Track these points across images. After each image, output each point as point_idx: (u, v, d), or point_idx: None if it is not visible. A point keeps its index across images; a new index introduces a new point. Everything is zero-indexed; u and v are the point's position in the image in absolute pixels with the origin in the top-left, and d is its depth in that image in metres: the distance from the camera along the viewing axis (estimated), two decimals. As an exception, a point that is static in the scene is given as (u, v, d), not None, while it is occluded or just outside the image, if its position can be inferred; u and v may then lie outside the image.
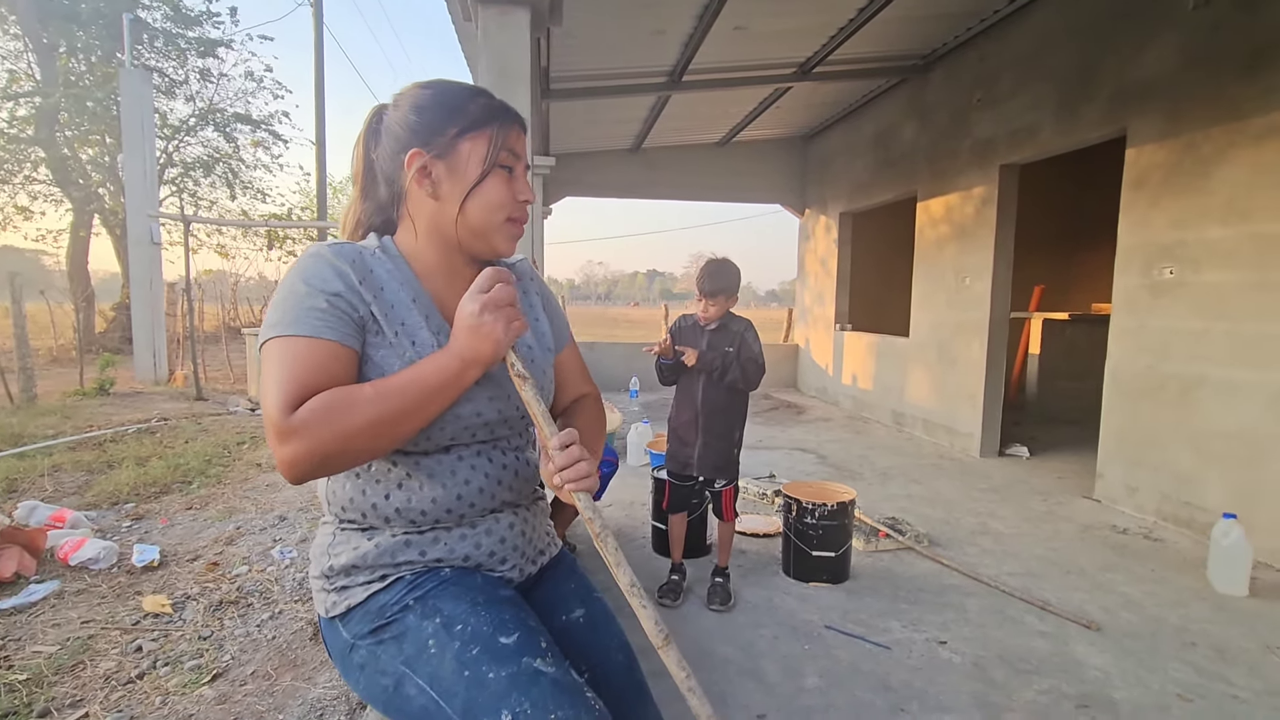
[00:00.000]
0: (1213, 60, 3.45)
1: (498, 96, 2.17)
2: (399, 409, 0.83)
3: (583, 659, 1.02)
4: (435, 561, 0.99)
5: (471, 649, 0.88)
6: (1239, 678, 2.20)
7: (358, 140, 1.02)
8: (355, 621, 0.97)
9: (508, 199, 0.97)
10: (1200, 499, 3.49)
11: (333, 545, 1.02)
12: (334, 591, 1.00)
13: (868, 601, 2.71)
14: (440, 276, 1.01)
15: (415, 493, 0.98)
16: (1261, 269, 3.22)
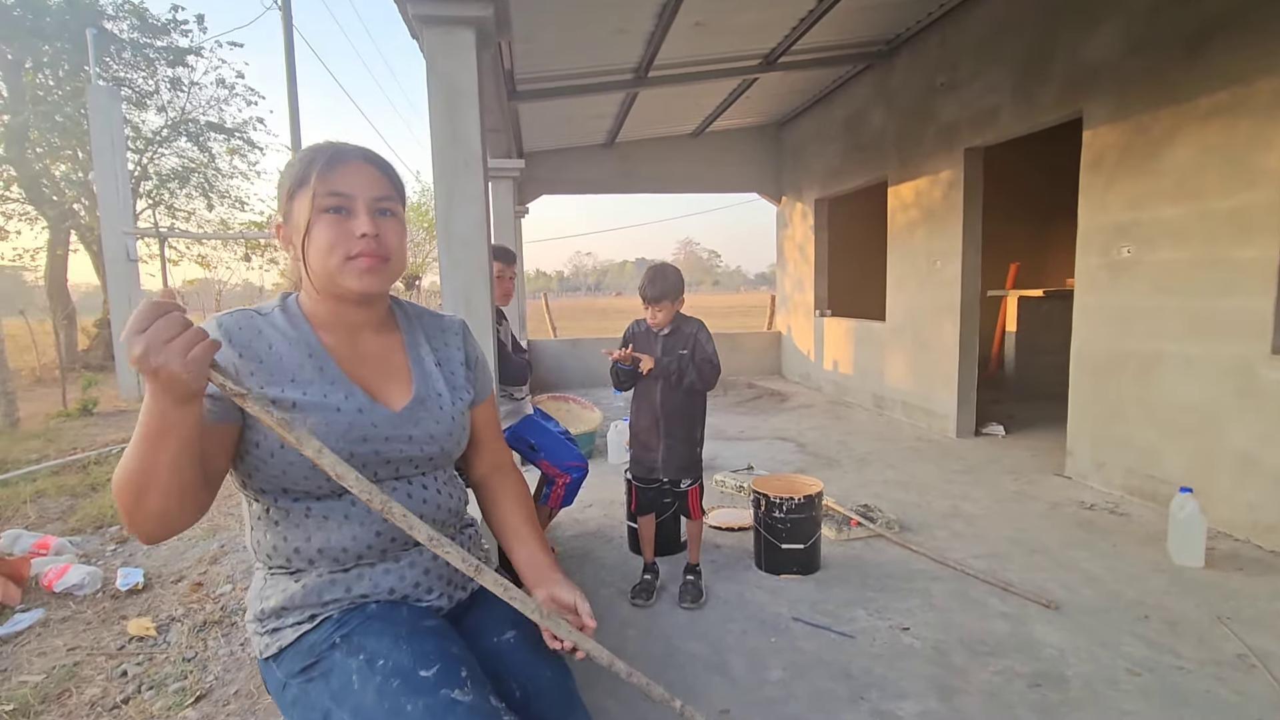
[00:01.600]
0: (1156, 43, 3.50)
1: (447, 116, 2.18)
2: (138, 461, 0.84)
3: (514, 678, 1.08)
4: (361, 597, 1.04)
5: (392, 682, 0.93)
6: (1187, 649, 2.29)
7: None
8: (287, 661, 1.02)
9: (338, 239, 1.00)
10: (1162, 472, 3.59)
11: (264, 589, 1.07)
12: (267, 634, 1.05)
13: (836, 591, 2.79)
14: (335, 324, 1.08)
15: (334, 532, 1.03)
16: (1211, 245, 3.30)
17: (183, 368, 0.77)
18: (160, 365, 0.77)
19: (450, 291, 2.29)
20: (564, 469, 2.83)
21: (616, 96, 6.45)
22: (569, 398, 5.46)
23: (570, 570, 3.08)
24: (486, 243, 2.30)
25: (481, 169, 2.25)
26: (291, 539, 1.03)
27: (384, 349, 1.13)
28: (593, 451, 5.09)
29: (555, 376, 8.87)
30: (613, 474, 4.39)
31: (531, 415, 2.99)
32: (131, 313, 0.81)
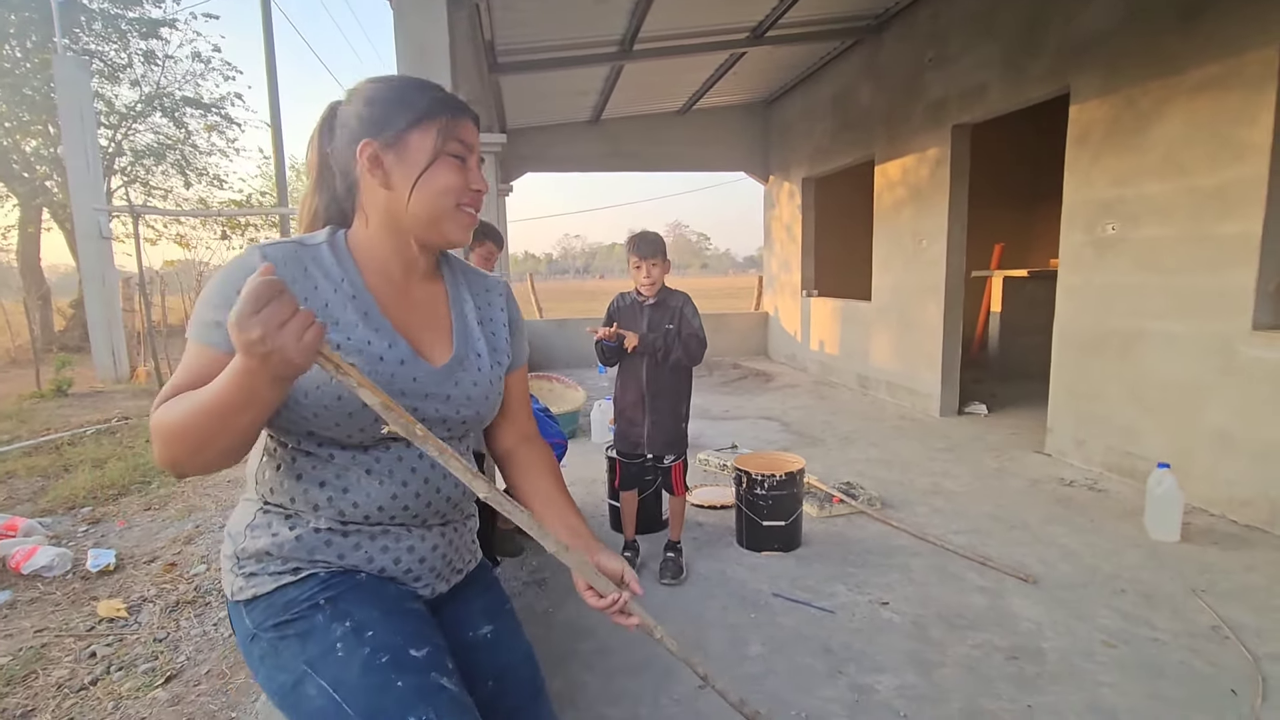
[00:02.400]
0: (1150, 13, 3.46)
1: (417, 76, 2.12)
2: (209, 422, 0.80)
3: (488, 673, 1.05)
4: (351, 567, 0.98)
5: (381, 656, 0.89)
6: (1162, 621, 2.31)
7: (312, 135, 1.02)
8: (259, 611, 0.95)
9: (458, 185, 0.98)
10: (1141, 449, 3.61)
11: (251, 526, 0.98)
12: (243, 576, 0.98)
13: (817, 567, 2.79)
14: (389, 267, 1.02)
15: (352, 485, 0.97)
16: (1196, 222, 3.29)
17: (297, 352, 0.74)
18: (274, 349, 0.73)
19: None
20: (543, 446, 2.79)
21: (601, 70, 6.32)
22: (552, 377, 5.41)
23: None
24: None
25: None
26: (305, 479, 0.96)
27: (430, 299, 1.07)
28: (576, 430, 5.06)
29: (540, 356, 8.80)
30: (595, 453, 4.36)
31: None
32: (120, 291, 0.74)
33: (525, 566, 2.87)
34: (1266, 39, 2.92)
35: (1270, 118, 2.92)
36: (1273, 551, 2.81)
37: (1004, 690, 1.95)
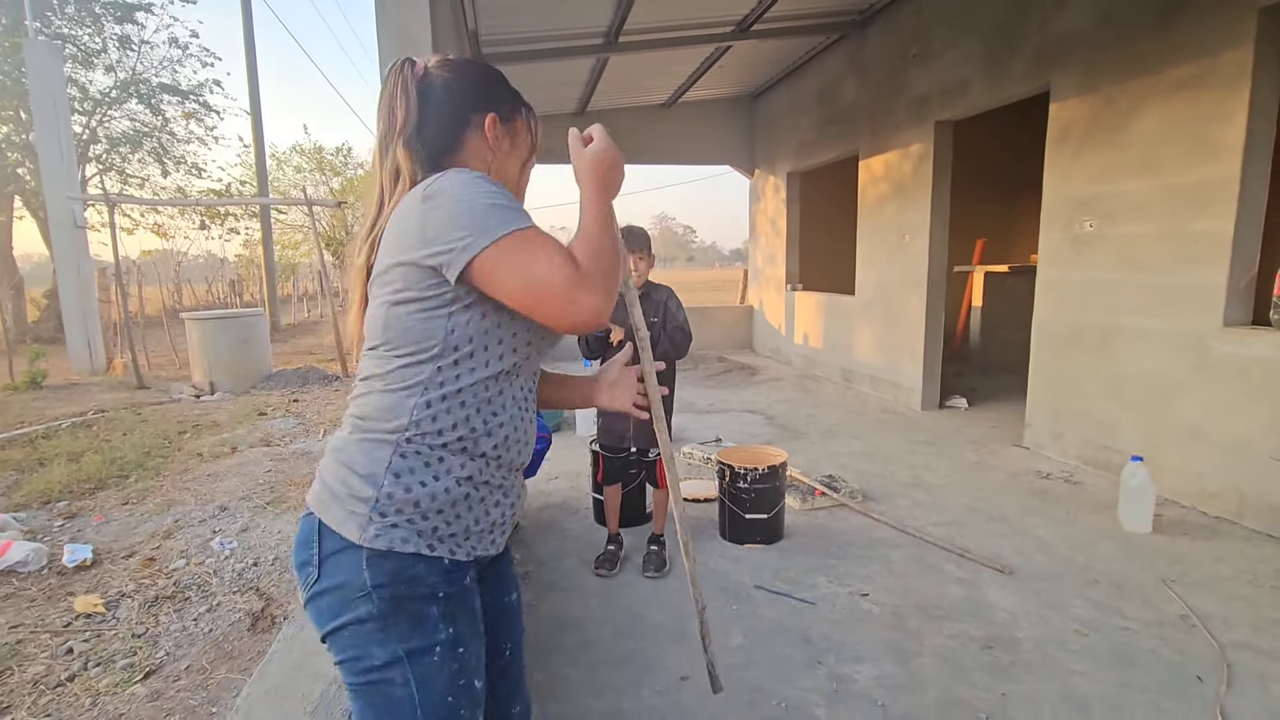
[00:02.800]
0: (1127, 14, 3.50)
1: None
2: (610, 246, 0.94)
3: (509, 637, 1.11)
4: (465, 540, 0.95)
5: (461, 679, 0.91)
6: (1133, 610, 2.37)
7: (398, 94, 0.99)
8: (387, 569, 0.88)
9: (521, 182, 1.11)
10: (1116, 442, 3.68)
11: (393, 470, 0.90)
12: (383, 523, 0.89)
13: (798, 559, 2.82)
14: None
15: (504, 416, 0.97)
16: (1171, 220, 3.34)
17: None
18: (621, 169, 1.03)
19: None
20: (527, 440, 2.79)
21: (586, 62, 6.29)
22: (538, 370, 5.40)
23: (534, 541, 3.07)
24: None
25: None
26: (465, 409, 0.93)
27: None
28: (561, 424, 5.05)
29: (526, 350, 8.77)
30: (580, 446, 4.36)
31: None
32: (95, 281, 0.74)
33: (509, 560, 2.87)
34: (1240, 40, 2.97)
35: (1244, 118, 2.98)
36: (1240, 543, 2.89)
37: (979, 679, 1.99)
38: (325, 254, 23.19)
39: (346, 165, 23.29)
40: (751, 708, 1.90)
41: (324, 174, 22.81)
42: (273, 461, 4.51)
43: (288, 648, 0.97)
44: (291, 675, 0.91)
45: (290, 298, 19.51)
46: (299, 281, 22.96)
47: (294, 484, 4.04)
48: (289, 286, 21.28)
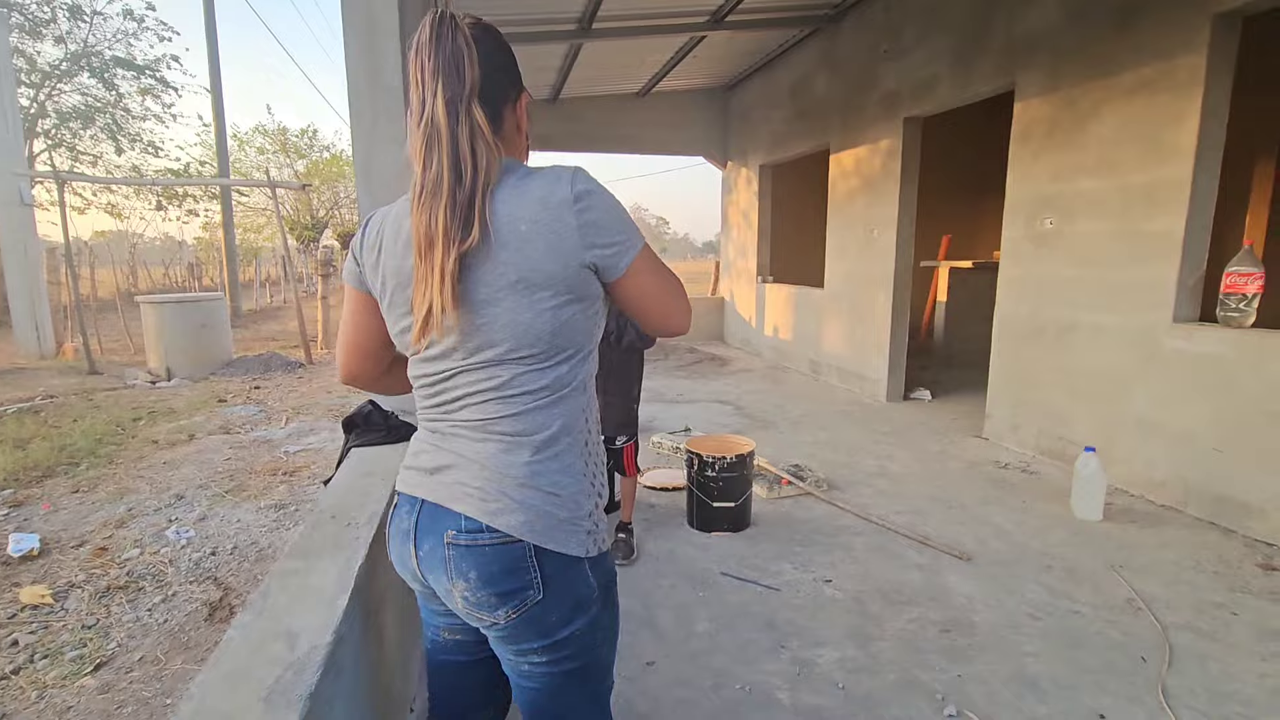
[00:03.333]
0: (1090, 16, 3.59)
1: (365, 52, 2.04)
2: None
3: None
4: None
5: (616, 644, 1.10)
6: (1083, 595, 2.45)
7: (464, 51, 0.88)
8: (600, 570, 1.00)
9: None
10: (1071, 433, 3.80)
11: (589, 475, 0.99)
12: (595, 533, 0.99)
13: (764, 547, 2.86)
14: None
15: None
16: (1126, 219, 3.45)
17: None
18: None
19: (370, 239, 2.16)
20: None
21: (559, 48, 6.22)
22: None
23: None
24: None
25: (403, 111, 2.10)
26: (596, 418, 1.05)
27: None
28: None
29: (495, 339, 8.70)
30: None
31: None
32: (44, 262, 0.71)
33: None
34: (1195, 45, 3.07)
35: (1196, 121, 3.08)
36: (1184, 530, 3.02)
37: (936, 661, 2.05)
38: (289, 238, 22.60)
39: (312, 148, 22.73)
40: (715, 691, 1.92)
41: (288, 156, 22.22)
42: (232, 449, 4.41)
43: (244, 634, 0.95)
44: (248, 661, 0.89)
45: (252, 283, 18.98)
46: (262, 266, 22.36)
47: (255, 472, 3.95)
48: (251, 271, 20.71)
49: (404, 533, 1.00)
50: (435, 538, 0.96)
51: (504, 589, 0.93)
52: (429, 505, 0.97)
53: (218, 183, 12.78)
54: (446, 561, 0.95)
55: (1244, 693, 1.90)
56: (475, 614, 0.96)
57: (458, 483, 0.95)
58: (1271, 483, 2.86)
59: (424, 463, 1.00)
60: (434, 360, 0.95)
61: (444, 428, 0.99)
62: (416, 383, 1.01)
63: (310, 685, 0.88)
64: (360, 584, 1.19)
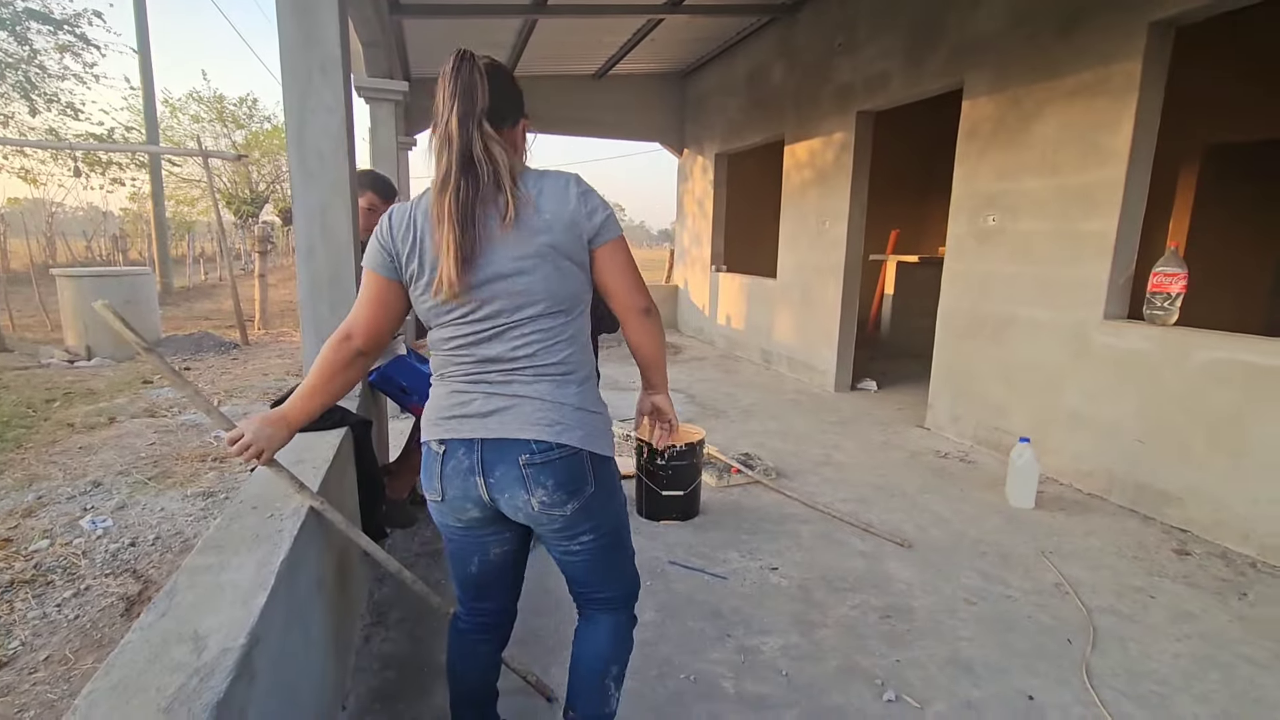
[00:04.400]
0: (1036, 19, 3.68)
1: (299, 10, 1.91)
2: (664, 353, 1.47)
3: None
4: None
5: None
6: (1015, 580, 2.54)
7: (477, 79, 1.17)
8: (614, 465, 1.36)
9: None
10: (1007, 424, 3.94)
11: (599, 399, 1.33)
12: (614, 439, 1.35)
13: (712, 535, 2.86)
14: None
15: None
16: (1064, 219, 3.57)
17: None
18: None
19: (303, 211, 2.03)
20: (439, 414, 2.68)
21: (513, 23, 6.04)
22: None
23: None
24: (348, 160, 2.06)
25: (341, 76, 1.99)
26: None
27: None
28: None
29: (444, 322, 8.48)
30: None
31: (404, 356, 2.79)
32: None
33: (417, 538, 2.77)
34: (1131, 52, 3.18)
35: (1130, 126, 3.20)
36: (1108, 517, 3.16)
37: (876, 647, 2.09)
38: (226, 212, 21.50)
39: (251, 118, 21.61)
40: (660, 681, 1.91)
41: (225, 125, 21.07)
42: (157, 434, 4.16)
43: (144, 637, 0.87)
44: (146, 668, 0.81)
45: (185, 258, 18.00)
46: (196, 241, 21.21)
47: (181, 458, 3.74)
48: (183, 246, 19.63)
49: (466, 470, 1.24)
50: (506, 464, 1.22)
51: (572, 488, 1.25)
52: (491, 441, 1.22)
53: (144, 149, 12.02)
54: (524, 479, 1.22)
55: (1159, 672, 2.00)
56: (548, 513, 1.25)
57: (520, 417, 1.22)
58: (1187, 473, 3.02)
59: (475, 410, 1.23)
60: (478, 321, 1.21)
61: (493, 377, 1.24)
62: (450, 344, 1.25)
63: (218, 693, 0.80)
64: (282, 579, 1.12)
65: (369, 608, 2.22)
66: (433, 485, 1.28)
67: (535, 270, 1.18)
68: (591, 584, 1.41)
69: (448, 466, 1.25)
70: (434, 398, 1.30)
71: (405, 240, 1.21)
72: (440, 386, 1.30)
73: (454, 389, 1.26)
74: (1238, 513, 2.83)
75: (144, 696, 0.77)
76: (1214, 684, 1.96)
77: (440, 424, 1.26)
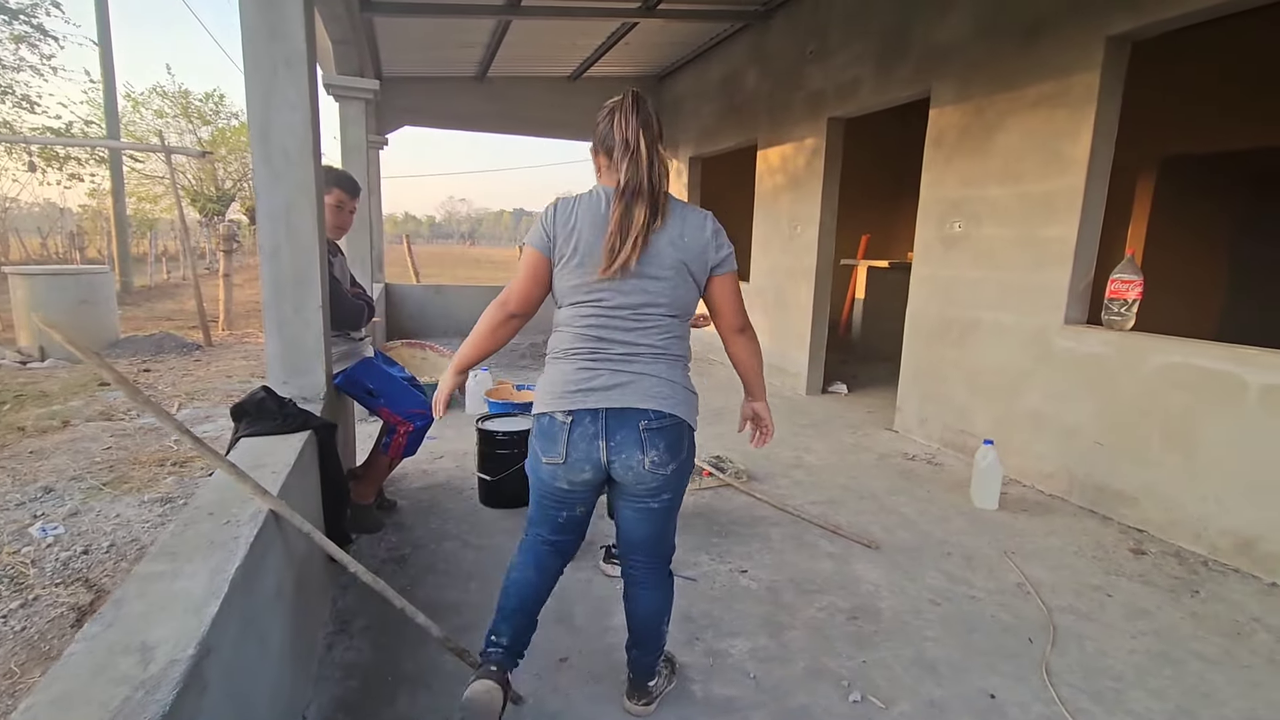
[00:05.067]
0: (998, 31, 3.77)
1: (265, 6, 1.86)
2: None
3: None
4: None
5: None
6: (979, 580, 2.59)
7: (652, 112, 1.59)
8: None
9: None
10: (972, 427, 4.02)
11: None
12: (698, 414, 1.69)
13: (684, 538, 2.83)
14: None
15: None
16: (1026, 225, 3.66)
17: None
18: None
19: (267, 210, 1.99)
20: (406, 416, 2.64)
21: (486, 24, 6.00)
22: (427, 345, 5.16)
23: (415, 523, 2.93)
24: (314, 158, 2.02)
25: (307, 71, 1.95)
26: None
27: None
28: (450, 401, 4.86)
29: (416, 324, 8.38)
30: (467, 424, 4.21)
31: (370, 358, 2.75)
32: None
33: (383, 543, 2.72)
34: (1090, 64, 3.27)
35: (1089, 136, 3.30)
36: (1068, 518, 3.25)
37: (843, 649, 2.11)
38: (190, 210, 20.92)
39: (218, 114, 21.16)
40: (629, 686, 1.90)
41: (190, 121, 20.59)
42: (113, 438, 4.03)
43: (89, 649, 0.84)
44: (89, 681, 0.78)
45: (146, 257, 17.51)
46: (158, 239, 20.63)
47: (139, 463, 3.63)
48: (145, 244, 19.08)
49: (591, 435, 1.52)
50: (628, 429, 1.51)
51: (675, 452, 1.56)
52: (614, 410, 1.51)
53: (104, 144, 11.68)
54: (641, 441, 1.51)
55: (1115, 669, 2.06)
56: (654, 471, 1.54)
57: (641, 391, 1.52)
58: (1142, 473, 3.11)
59: (600, 384, 1.51)
60: (612, 307, 1.51)
61: (616, 356, 1.53)
62: (578, 324, 1.54)
63: (164, 705, 0.78)
64: (237, 587, 1.09)
65: (332, 615, 2.17)
66: (556, 450, 1.54)
67: (669, 279, 1.52)
68: (649, 542, 1.70)
69: (575, 433, 1.52)
70: (557, 373, 1.57)
71: (564, 228, 1.52)
72: (564, 364, 1.56)
73: (579, 366, 1.54)
74: (1190, 512, 2.93)
75: (86, 711, 0.75)
76: (1167, 679, 2.02)
77: (566, 397, 1.52)
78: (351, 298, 2.65)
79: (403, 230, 53.67)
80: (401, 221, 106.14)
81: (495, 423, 3.22)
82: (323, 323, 2.19)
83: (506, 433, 3.05)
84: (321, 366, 2.22)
